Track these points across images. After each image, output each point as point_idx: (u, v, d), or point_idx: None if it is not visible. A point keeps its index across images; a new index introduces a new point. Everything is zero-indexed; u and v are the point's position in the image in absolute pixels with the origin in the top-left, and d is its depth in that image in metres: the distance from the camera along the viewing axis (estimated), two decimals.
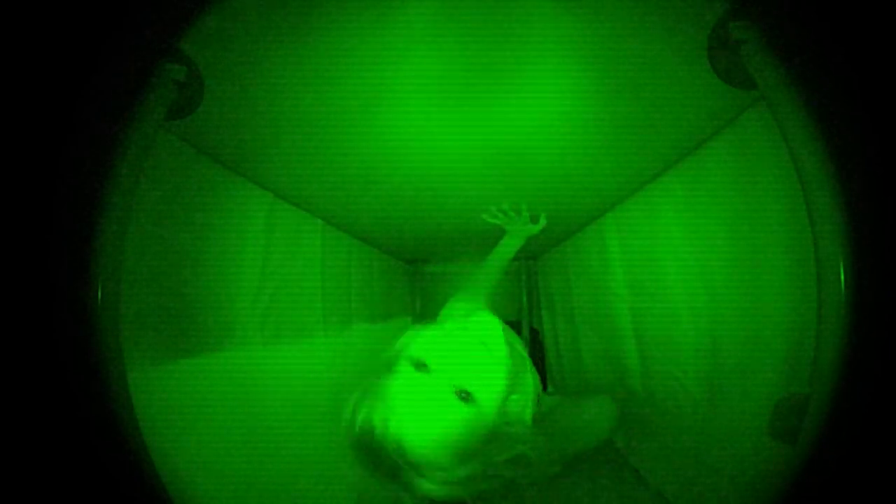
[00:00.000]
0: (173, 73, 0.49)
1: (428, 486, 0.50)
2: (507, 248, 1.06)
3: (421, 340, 0.59)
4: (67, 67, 0.36)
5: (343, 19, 0.49)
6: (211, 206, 0.73)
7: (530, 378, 0.73)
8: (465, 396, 0.53)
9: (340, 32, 0.50)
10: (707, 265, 0.79)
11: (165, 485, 0.41)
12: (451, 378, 0.53)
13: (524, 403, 0.64)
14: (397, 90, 0.61)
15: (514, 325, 1.90)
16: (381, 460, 0.50)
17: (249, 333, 0.81)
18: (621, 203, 1.10)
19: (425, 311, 1.95)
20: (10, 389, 0.33)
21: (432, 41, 0.53)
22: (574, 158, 0.84)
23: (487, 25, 0.51)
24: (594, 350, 1.39)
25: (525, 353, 0.82)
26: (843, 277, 0.37)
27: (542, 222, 1.06)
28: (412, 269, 1.95)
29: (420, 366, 0.55)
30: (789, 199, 0.58)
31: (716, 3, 0.47)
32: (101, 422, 0.38)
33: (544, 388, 1.69)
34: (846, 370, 0.37)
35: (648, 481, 1.00)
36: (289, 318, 0.94)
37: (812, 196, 0.41)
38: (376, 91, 0.61)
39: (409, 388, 0.53)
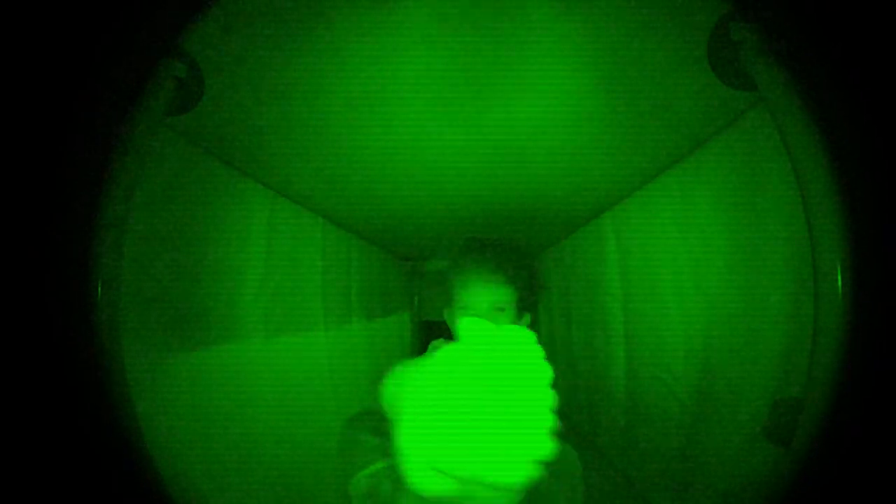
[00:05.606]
0: (174, 70, 0.49)
1: None
2: None
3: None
4: (69, 64, 0.36)
5: (343, 17, 0.49)
6: (213, 203, 0.73)
7: None
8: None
9: (340, 30, 0.50)
10: (703, 267, 0.79)
11: (165, 480, 0.41)
12: None
13: None
14: (397, 88, 0.61)
15: None
16: None
17: (251, 329, 0.81)
18: (619, 203, 1.10)
19: (423, 308, 1.96)
20: (11, 387, 0.34)
21: (433, 40, 0.53)
22: (573, 158, 0.84)
23: (487, 25, 0.51)
24: (586, 350, 1.39)
25: None
26: (840, 281, 0.38)
27: None
28: (411, 266, 1.95)
29: None
30: (788, 201, 0.58)
31: (716, 4, 0.47)
32: (101, 418, 0.38)
33: None
34: (842, 374, 0.37)
35: (636, 485, 1.00)
36: (290, 315, 0.94)
37: (811, 198, 0.41)
38: (376, 89, 0.61)
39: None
